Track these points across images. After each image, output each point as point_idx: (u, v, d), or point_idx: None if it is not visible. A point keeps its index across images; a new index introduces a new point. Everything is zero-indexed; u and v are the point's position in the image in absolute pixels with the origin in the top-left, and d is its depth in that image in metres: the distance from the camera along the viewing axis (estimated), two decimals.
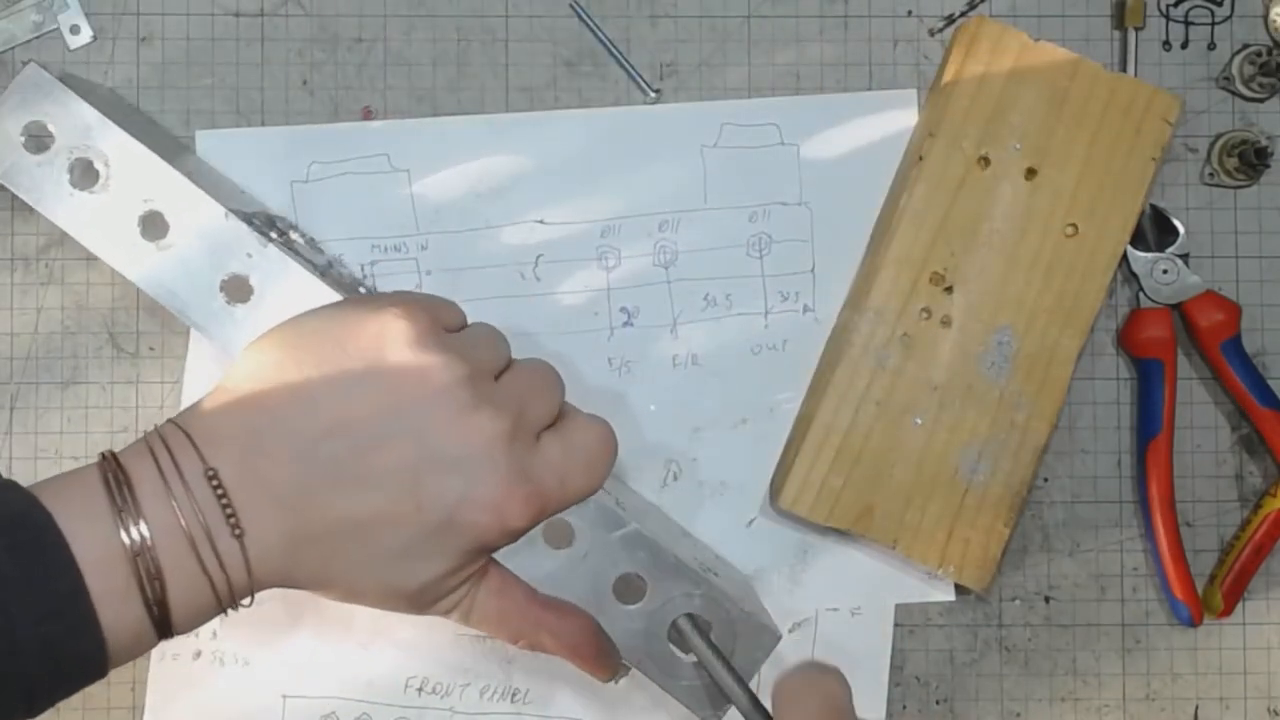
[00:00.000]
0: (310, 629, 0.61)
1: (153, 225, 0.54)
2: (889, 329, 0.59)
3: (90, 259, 0.60)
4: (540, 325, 0.61)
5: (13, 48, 0.60)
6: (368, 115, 0.61)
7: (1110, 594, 0.63)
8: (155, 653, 0.60)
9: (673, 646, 0.54)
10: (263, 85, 0.61)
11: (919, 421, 0.59)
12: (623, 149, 0.62)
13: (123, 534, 0.41)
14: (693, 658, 0.54)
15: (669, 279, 0.62)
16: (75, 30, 0.60)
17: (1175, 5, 0.63)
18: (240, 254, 0.54)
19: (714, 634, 0.54)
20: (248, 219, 0.54)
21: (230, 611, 0.44)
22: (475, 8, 0.62)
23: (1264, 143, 0.62)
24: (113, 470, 0.42)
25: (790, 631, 0.61)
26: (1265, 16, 0.63)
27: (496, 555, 0.48)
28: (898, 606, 0.62)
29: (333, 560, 0.45)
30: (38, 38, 0.60)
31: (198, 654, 0.60)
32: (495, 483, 0.44)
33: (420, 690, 0.61)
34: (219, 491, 0.42)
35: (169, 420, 0.45)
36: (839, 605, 0.62)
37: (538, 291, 0.61)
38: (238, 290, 0.54)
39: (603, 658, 0.52)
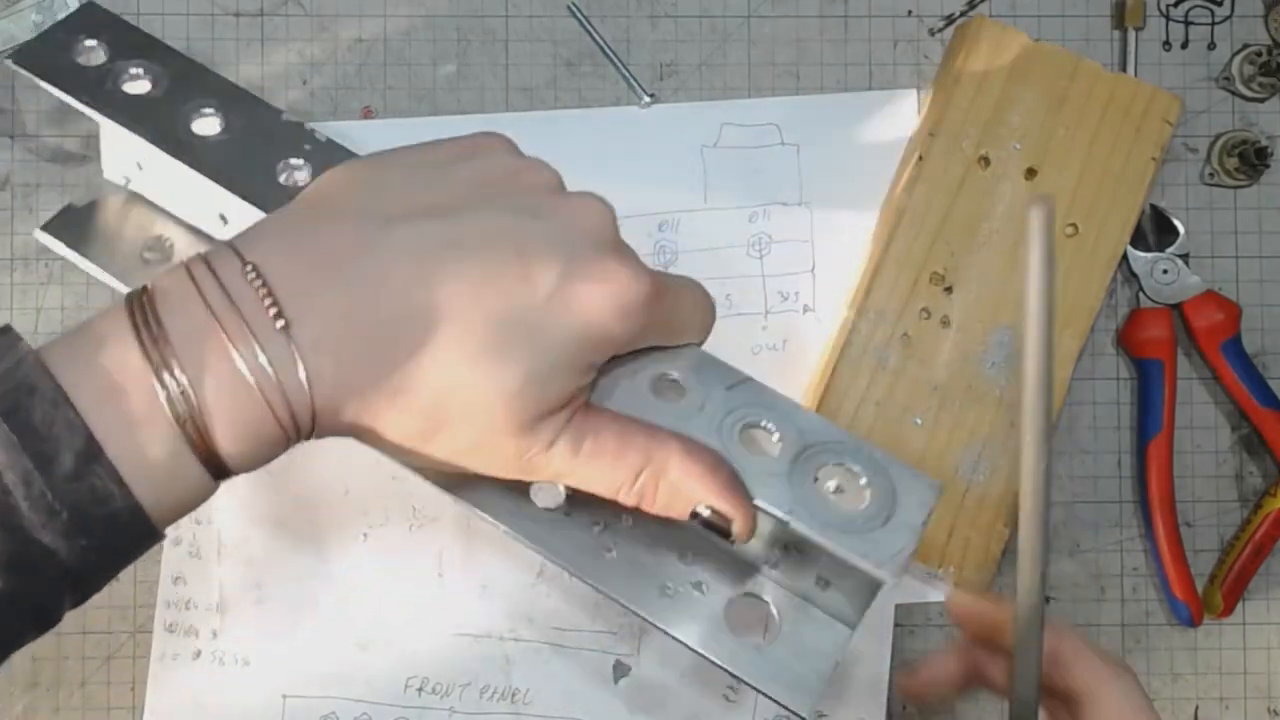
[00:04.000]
0: (310, 629, 0.61)
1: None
2: (889, 329, 0.59)
3: None
4: None
5: (13, 48, 0.60)
6: (368, 115, 0.62)
7: (1110, 594, 0.63)
8: (155, 652, 0.60)
9: (829, 493, 0.44)
10: (263, 85, 0.61)
11: (919, 421, 0.59)
12: (623, 149, 0.62)
13: (140, 352, 0.35)
14: (864, 500, 0.44)
15: None
16: None
17: (1175, 5, 0.63)
18: (299, 147, 0.50)
19: (872, 488, 0.44)
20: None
21: (302, 440, 0.37)
22: (475, 8, 0.62)
23: (1264, 143, 0.62)
24: (139, 299, 0.36)
25: None
26: (1265, 16, 0.63)
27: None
28: (898, 606, 0.62)
29: (417, 351, 0.37)
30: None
31: (198, 654, 0.60)
32: (610, 256, 0.39)
33: (420, 690, 0.61)
34: (257, 283, 0.36)
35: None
36: None
37: None
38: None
39: (742, 492, 0.42)
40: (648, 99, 0.62)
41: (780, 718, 0.62)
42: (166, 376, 0.35)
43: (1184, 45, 0.63)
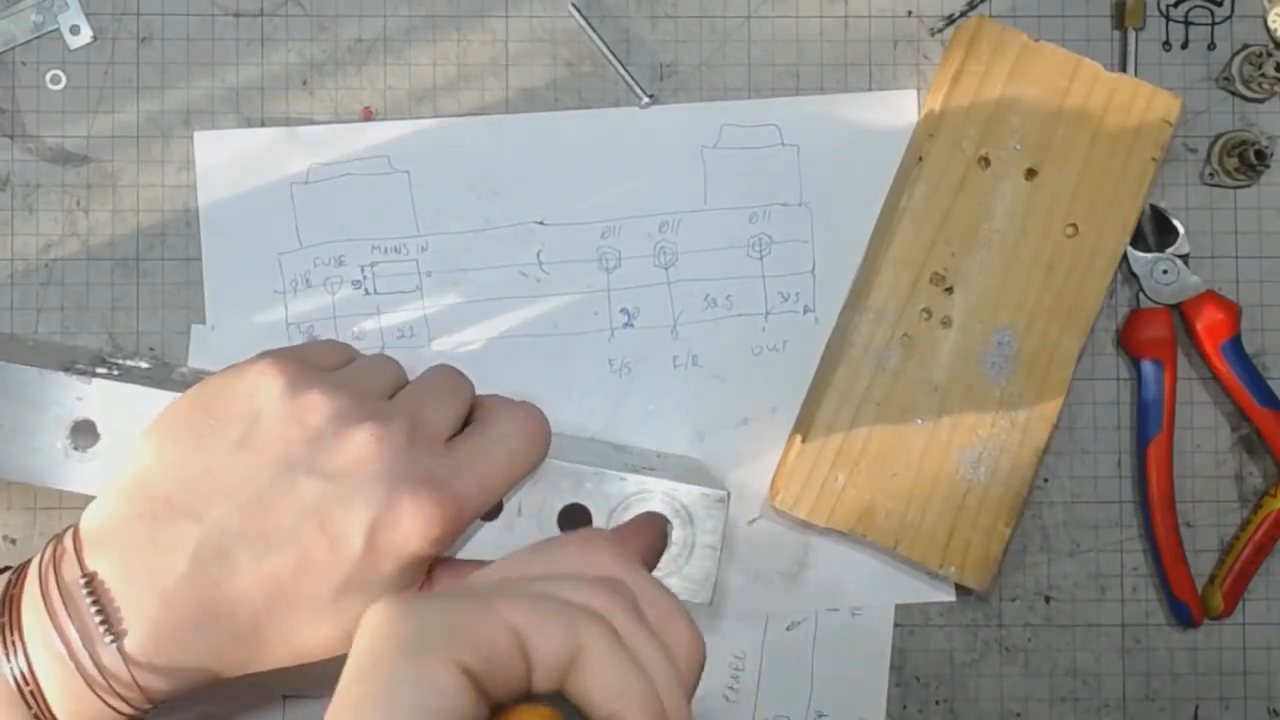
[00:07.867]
0: None
1: None
2: (889, 329, 0.59)
3: (90, 259, 0.60)
4: (540, 326, 0.61)
5: (13, 48, 0.60)
6: (368, 115, 0.61)
7: (1110, 594, 0.63)
8: None
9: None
10: (263, 85, 0.61)
11: (920, 422, 0.59)
12: (623, 149, 0.62)
13: (3, 658, 0.42)
14: (670, 538, 0.53)
15: (669, 280, 0.62)
16: (75, 30, 0.60)
17: (1175, 5, 0.63)
18: (70, 401, 0.51)
19: (674, 524, 0.53)
20: (66, 367, 0.52)
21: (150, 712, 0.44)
22: (475, 8, 0.62)
23: (1264, 143, 0.62)
24: (7, 589, 0.43)
25: (789, 630, 0.61)
26: (1265, 16, 0.63)
27: None
28: (898, 606, 0.62)
29: (259, 630, 0.43)
30: (38, 38, 0.60)
31: None
32: (402, 494, 0.43)
33: None
34: (91, 597, 0.42)
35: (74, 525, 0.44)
36: (839, 605, 0.62)
37: (538, 292, 0.61)
38: (84, 435, 0.51)
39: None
40: (648, 99, 0.62)
41: (779, 718, 0.62)
42: (23, 684, 0.42)
43: (1184, 45, 0.63)
